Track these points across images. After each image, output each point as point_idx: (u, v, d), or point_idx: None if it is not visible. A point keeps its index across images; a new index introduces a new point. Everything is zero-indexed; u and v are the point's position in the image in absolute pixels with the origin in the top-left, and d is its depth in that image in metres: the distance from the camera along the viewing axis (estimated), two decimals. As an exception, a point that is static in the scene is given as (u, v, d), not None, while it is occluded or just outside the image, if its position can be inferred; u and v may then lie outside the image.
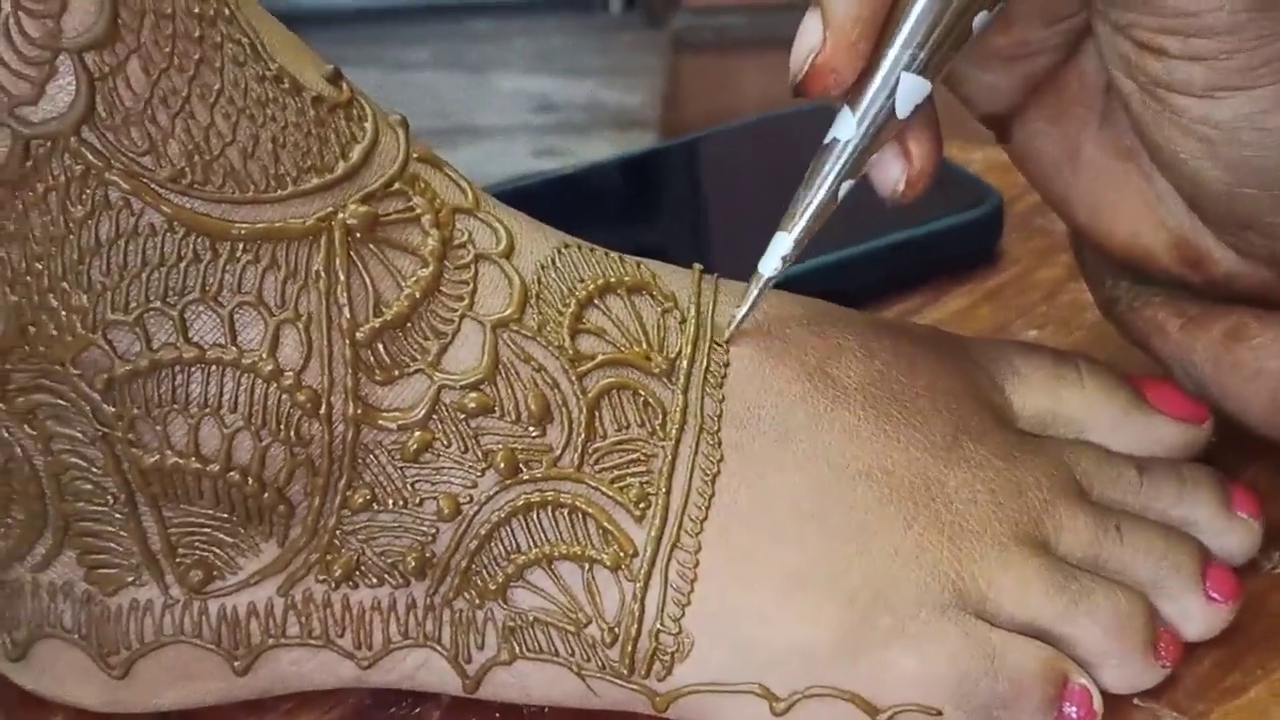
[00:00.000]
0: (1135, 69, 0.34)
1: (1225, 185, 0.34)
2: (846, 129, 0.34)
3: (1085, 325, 0.46)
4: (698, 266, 0.37)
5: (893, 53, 0.34)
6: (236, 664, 0.35)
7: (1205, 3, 0.32)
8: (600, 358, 0.35)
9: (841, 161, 0.34)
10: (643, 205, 0.54)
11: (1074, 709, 0.34)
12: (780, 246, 0.35)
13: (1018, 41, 0.36)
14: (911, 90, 0.34)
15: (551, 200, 0.51)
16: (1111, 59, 0.35)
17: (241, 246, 0.32)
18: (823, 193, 0.34)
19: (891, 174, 0.35)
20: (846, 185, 0.35)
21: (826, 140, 0.35)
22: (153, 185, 0.31)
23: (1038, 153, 0.37)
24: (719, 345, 0.36)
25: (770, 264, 0.35)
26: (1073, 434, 0.38)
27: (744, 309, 0.35)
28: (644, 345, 0.35)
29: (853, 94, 0.34)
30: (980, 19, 0.34)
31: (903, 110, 0.34)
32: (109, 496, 0.34)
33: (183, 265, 0.32)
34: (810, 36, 0.33)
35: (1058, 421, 0.39)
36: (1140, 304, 0.38)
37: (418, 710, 0.36)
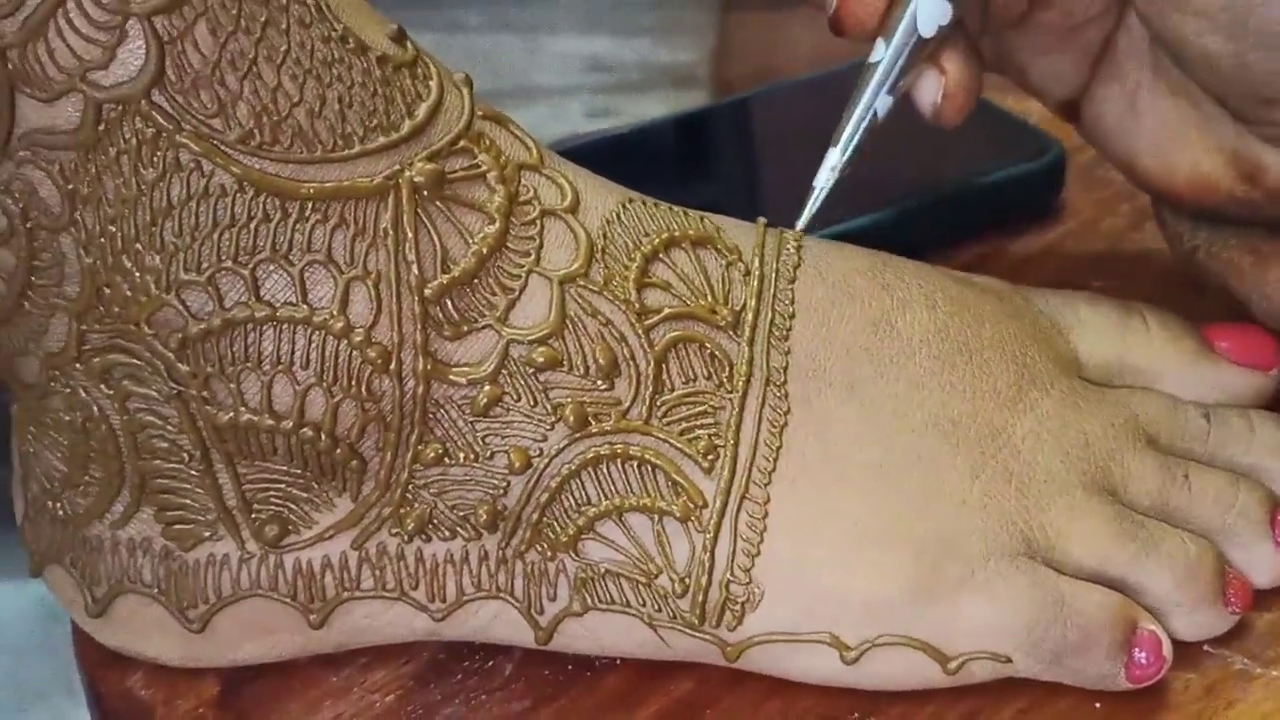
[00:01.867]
0: None
1: (1235, 57, 0.35)
2: (879, 53, 0.38)
3: (1150, 275, 0.46)
4: (762, 220, 0.38)
5: None
6: (312, 617, 0.35)
7: None
8: (666, 311, 0.35)
9: (874, 79, 0.38)
10: (696, 164, 0.54)
11: (1144, 655, 0.34)
12: (829, 159, 0.38)
13: (1064, 13, 0.38)
14: (932, 11, 0.37)
15: (605, 160, 0.51)
16: None
17: (310, 205, 0.32)
18: (860, 109, 0.38)
19: (929, 90, 0.38)
20: (885, 102, 0.38)
21: (870, 61, 0.38)
22: (222, 146, 0.32)
23: (1105, 119, 0.40)
24: (783, 299, 0.36)
25: (822, 177, 0.38)
26: (1140, 383, 0.38)
27: (802, 220, 0.38)
28: (709, 298, 0.35)
29: (884, 25, 0.38)
30: None
31: (925, 29, 0.37)
32: (184, 454, 0.34)
33: (253, 225, 0.32)
34: None
35: (1124, 370, 0.39)
36: (1217, 248, 0.40)
37: (490, 663, 0.36)
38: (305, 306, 0.33)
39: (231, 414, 0.33)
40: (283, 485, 0.34)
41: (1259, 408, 0.39)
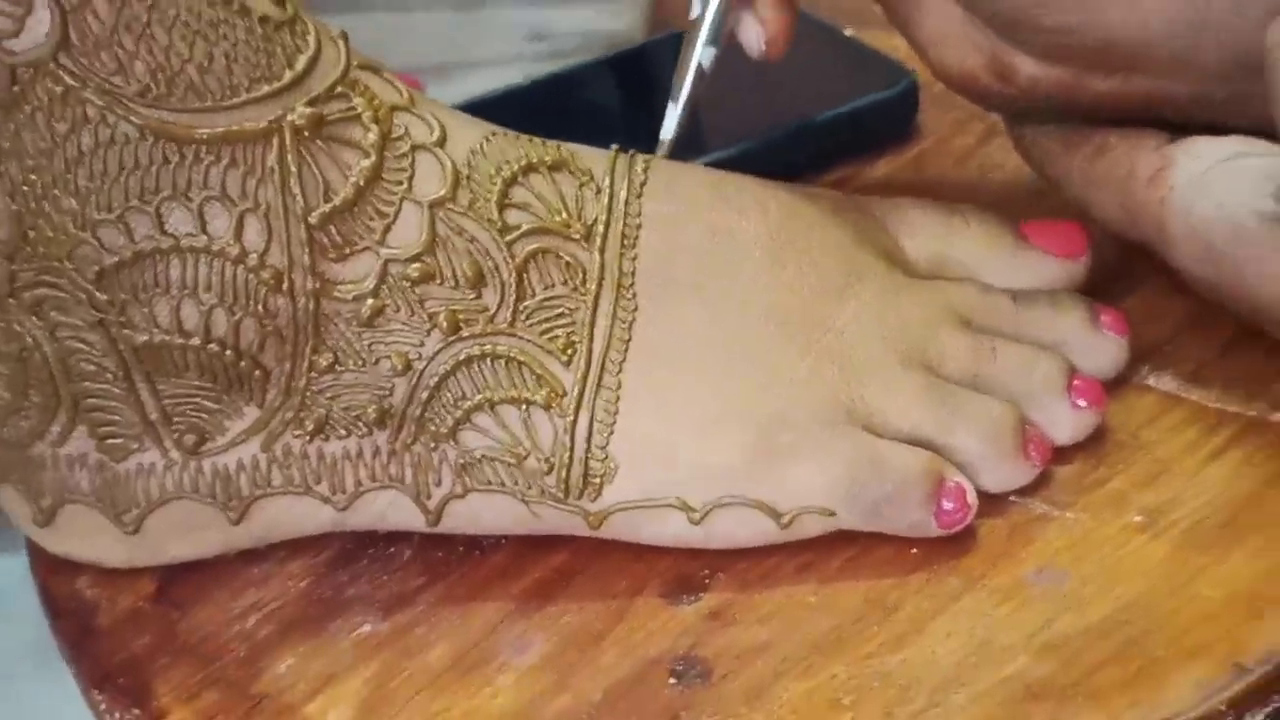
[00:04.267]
0: None
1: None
2: (697, 8, 0.45)
3: (991, 186, 0.51)
4: (615, 146, 0.42)
5: None
6: (230, 514, 0.40)
7: None
8: (525, 227, 0.40)
9: (700, 33, 0.45)
10: (632, 99, 0.58)
11: (950, 504, 0.39)
12: (671, 115, 0.45)
13: None
14: None
15: (542, 101, 0.55)
16: None
17: (205, 148, 0.37)
18: (692, 61, 0.45)
19: (751, 38, 0.45)
20: (709, 53, 0.45)
21: (691, 18, 0.45)
22: (124, 100, 0.36)
23: (895, 2, 0.44)
24: (631, 213, 0.41)
25: (669, 129, 0.45)
26: (960, 275, 0.43)
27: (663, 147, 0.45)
28: (564, 215, 0.40)
29: None
30: None
31: None
32: (109, 374, 0.39)
33: (155, 168, 0.37)
34: None
35: (947, 264, 0.43)
36: (1040, 136, 0.44)
37: (391, 550, 0.41)
38: (205, 237, 0.38)
39: (147, 335, 0.38)
40: (197, 398, 0.39)
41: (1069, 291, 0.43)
